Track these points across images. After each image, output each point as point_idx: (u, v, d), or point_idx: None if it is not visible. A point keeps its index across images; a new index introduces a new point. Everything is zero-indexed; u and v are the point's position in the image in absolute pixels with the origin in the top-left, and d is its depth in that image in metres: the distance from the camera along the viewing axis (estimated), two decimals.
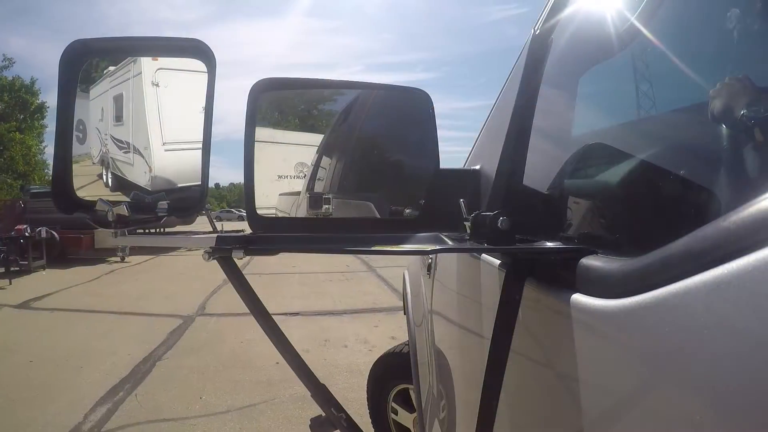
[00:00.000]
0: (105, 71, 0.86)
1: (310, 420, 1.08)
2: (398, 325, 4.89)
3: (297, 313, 5.28)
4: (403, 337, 4.71)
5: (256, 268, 8.50)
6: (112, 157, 0.86)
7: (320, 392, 0.99)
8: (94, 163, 0.86)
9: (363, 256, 9.95)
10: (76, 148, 0.83)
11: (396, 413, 2.10)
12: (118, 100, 0.86)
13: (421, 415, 1.44)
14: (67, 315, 5.67)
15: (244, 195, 0.81)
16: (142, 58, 0.85)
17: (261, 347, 3.99)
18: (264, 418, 2.78)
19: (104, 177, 0.86)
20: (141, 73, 0.84)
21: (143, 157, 0.85)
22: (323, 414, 1.03)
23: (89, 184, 0.85)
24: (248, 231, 0.78)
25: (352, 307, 5.90)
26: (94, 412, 2.94)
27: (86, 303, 6.28)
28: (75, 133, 0.84)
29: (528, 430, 0.60)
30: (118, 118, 0.87)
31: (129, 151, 0.86)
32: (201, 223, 0.78)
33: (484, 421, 0.60)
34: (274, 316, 0.93)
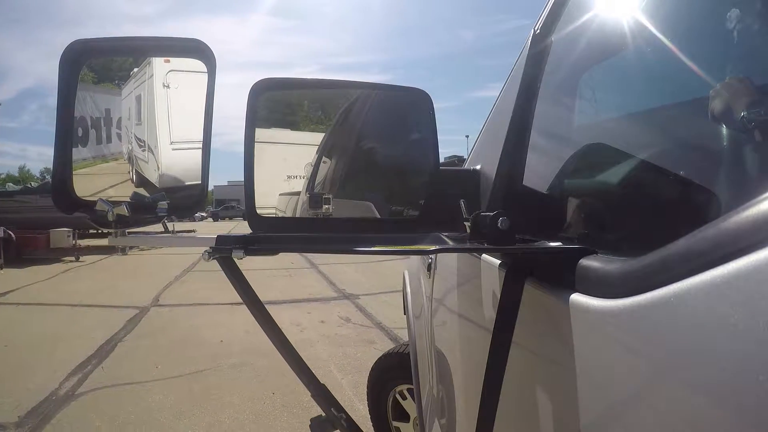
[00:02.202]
0: (131, 72, 0.90)
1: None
2: (329, 312, 5.54)
3: (242, 303, 5.63)
4: (331, 320, 5.21)
5: (206, 265, 8.92)
6: (135, 155, 0.91)
7: (320, 392, 0.99)
8: (125, 160, 0.92)
9: (307, 255, 10.31)
10: (116, 145, 0.90)
11: (396, 413, 2.10)
12: (138, 101, 0.90)
13: (421, 415, 1.44)
14: (32, 308, 6.08)
15: (244, 195, 0.81)
16: (154, 60, 0.87)
17: (208, 330, 4.71)
18: (209, 380, 3.49)
19: (131, 173, 0.91)
20: (153, 75, 0.87)
21: (154, 155, 0.89)
22: (323, 414, 1.03)
23: (120, 183, 0.90)
24: (199, 232, 0.79)
25: (291, 298, 6.42)
26: (67, 380, 3.47)
27: (48, 298, 6.67)
28: (115, 130, 0.89)
29: (528, 430, 0.60)
30: (138, 117, 0.91)
31: (145, 150, 0.90)
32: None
33: (484, 421, 0.60)
34: (220, 306, 0.96)
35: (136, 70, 0.89)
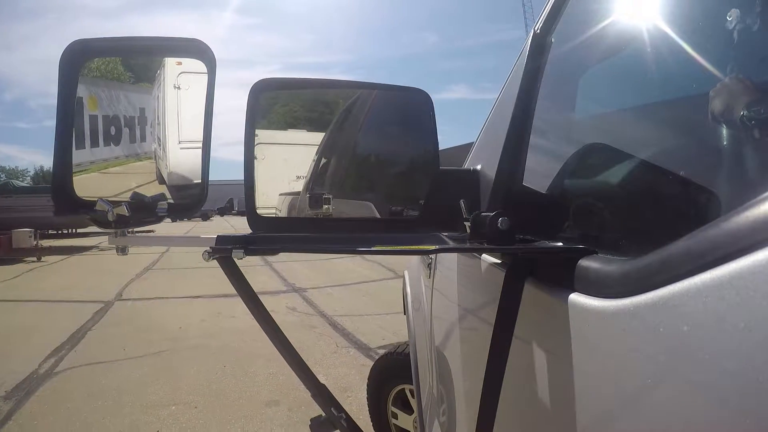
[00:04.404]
0: (156, 74, 0.93)
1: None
2: (278, 303, 5.91)
3: (199, 296, 6.32)
4: (279, 309, 5.44)
5: (166, 263, 9.85)
6: (156, 154, 0.94)
7: (320, 392, 0.99)
8: (153, 159, 0.96)
9: None
10: (149, 144, 0.94)
11: (396, 416, 2.10)
12: (158, 101, 0.93)
13: (421, 416, 1.44)
14: (2, 305, 6.35)
15: (244, 195, 0.81)
16: (167, 62, 0.90)
17: (168, 320, 5.22)
18: (170, 359, 4.03)
19: (156, 171, 0.94)
20: (166, 76, 0.90)
21: (165, 153, 0.92)
22: (323, 414, 1.03)
23: (148, 183, 0.92)
24: (159, 232, 0.79)
25: None
26: (45, 362, 3.94)
27: (16, 295, 6.94)
28: (149, 129, 0.93)
29: (527, 430, 0.60)
30: (158, 117, 0.95)
31: (161, 149, 0.93)
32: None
33: (484, 420, 0.60)
34: (179, 299, 0.97)
35: (158, 72, 0.93)
